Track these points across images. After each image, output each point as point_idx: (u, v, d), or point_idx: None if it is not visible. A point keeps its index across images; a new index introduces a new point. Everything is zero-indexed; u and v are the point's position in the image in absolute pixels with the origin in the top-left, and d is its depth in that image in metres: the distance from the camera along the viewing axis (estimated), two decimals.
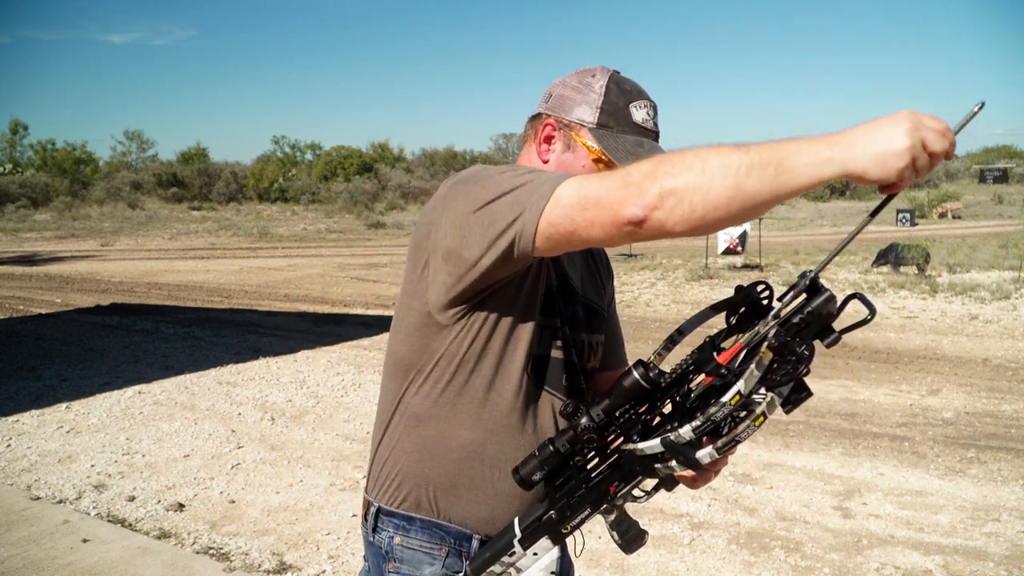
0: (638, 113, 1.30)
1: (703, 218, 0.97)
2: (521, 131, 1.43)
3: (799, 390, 1.03)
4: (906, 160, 0.91)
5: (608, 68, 1.34)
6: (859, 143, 0.92)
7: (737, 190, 0.95)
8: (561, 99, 1.33)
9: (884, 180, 0.93)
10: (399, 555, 1.32)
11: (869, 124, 0.94)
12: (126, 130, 62.31)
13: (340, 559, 3.47)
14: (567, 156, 1.32)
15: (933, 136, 0.92)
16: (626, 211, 0.99)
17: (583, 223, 1.04)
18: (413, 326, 1.28)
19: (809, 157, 0.93)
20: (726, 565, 3.42)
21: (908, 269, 11.98)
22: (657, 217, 0.98)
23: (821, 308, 0.99)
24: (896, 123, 0.92)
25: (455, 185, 1.22)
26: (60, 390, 6.25)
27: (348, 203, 31.82)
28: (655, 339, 7.85)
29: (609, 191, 1.01)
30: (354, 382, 6.50)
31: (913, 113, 0.93)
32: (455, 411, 1.28)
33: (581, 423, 1.14)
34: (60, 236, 22.92)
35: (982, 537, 3.63)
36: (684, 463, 1.06)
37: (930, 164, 0.93)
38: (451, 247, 1.18)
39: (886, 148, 0.91)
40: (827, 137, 0.95)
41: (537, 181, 1.10)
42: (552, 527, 1.22)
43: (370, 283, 12.81)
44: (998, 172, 43.33)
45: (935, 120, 0.93)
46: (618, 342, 1.54)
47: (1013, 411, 5.55)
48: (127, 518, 3.88)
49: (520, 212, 1.09)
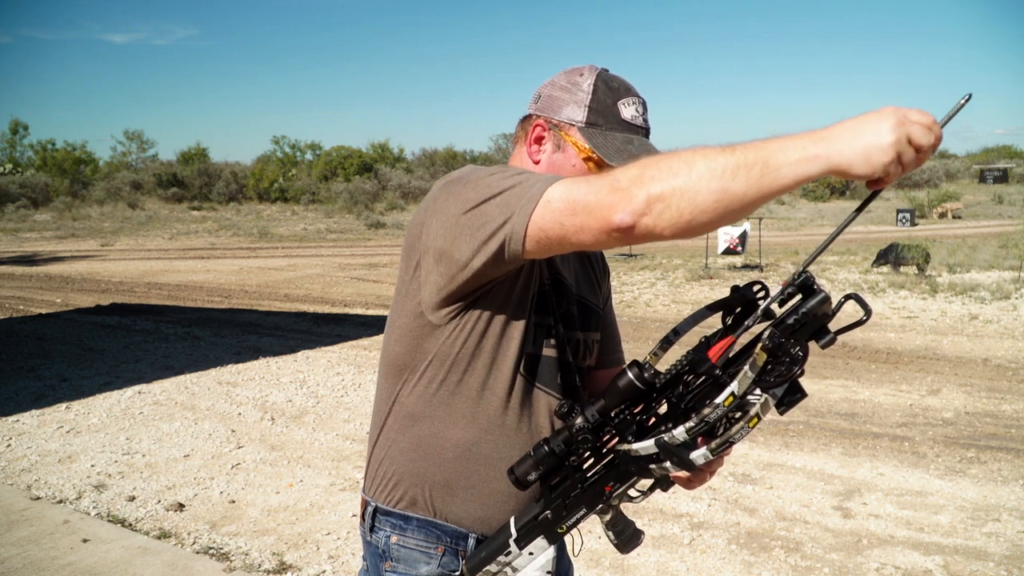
0: (627, 110, 1.30)
1: (691, 222, 0.97)
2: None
3: (793, 391, 1.03)
4: (891, 155, 0.90)
5: (596, 66, 1.34)
6: (844, 138, 0.92)
7: (724, 192, 0.95)
8: (550, 99, 1.32)
9: (870, 175, 0.92)
10: (396, 554, 1.33)
11: (854, 119, 0.93)
12: (126, 130, 62.40)
13: (340, 559, 3.48)
14: (558, 156, 1.32)
15: (919, 130, 0.92)
16: (615, 217, 0.99)
17: (572, 228, 1.05)
18: (406, 326, 1.28)
19: (795, 155, 0.93)
20: (726, 565, 3.42)
21: (908, 269, 11.98)
22: (645, 223, 0.98)
23: (816, 309, 0.99)
24: (881, 118, 0.91)
25: (446, 186, 1.22)
26: (60, 390, 6.25)
27: (348, 203, 31.80)
28: (655, 339, 7.85)
29: (597, 196, 1.01)
30: (354, 382, 6.50)
31: (898, 108, 0.92)
32: (449, 410, 1.28)
33: (576, 423, 1.14)
34: (60, 236, 22.93)
35: (982, 537, 3.63)
36: (678, 464, 1.07)
37: (916, 159, 0.92)
38: (442, 248, 1.18)
39: (872, 143, 0.90)
40: (812, 133, 0.94)
41: (527, 183, 1.10)
42: (548, 527, 1.23)
43: (370, 283, 12.81)
44: (998, 172, 43.29)
45: (921, 114, 0.93)
46: (615, 340, 1.54)
47: (1013, 411, 5.55)
48: (127, 518, 3.89)
49: (509, 215, 1.09)
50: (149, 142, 56.63)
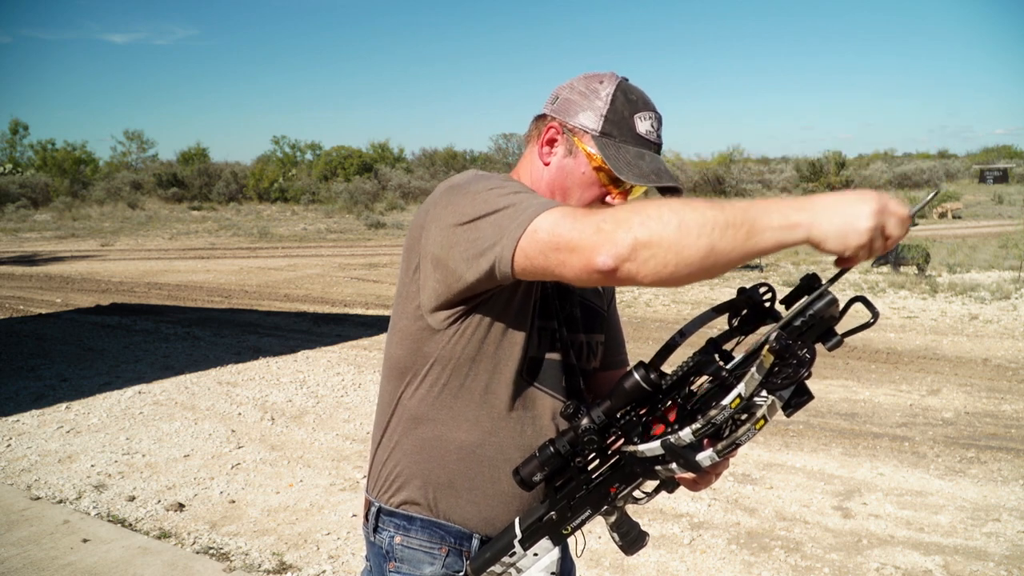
0: (642, 124, 1.29)
1: (674, 273, 0.98)
2: (521, 132, 1.43)
3: (800, 393, 1.03)
4: (865, 240, 0.94)
5: (617, 75, 1.32)
6: (826, 213, 0.95)
7: (711, 250, 0.96)
8: (567, 103, 1.31)
9: (840, 253, 0.96)
10: (399, 555, 1.33)
11: (839, 196, 0.97)
12: (126, 130, 62.41)
13: (340, 559, 3.47)
14: (568, 161, 1.30)
15: (894, 222, 0.96)
16: (597, 259, 1.00)
17: (555, 262, 1.05)
18: (407, 329, 1.29)
19: (778, 220, 0.96)
20: (726, 565, 3.42)
21: (908, 269, 11.98)
22: (628, 268, 0.99)
23: (823, 311, 0.99)
24: (864, 202, 0.95)
25: (447, 192, 1.22)
26: (60, 390, 6.25)
27: (348, 203, 31.78)
28: (655, 339, 7.85)
29: (582, 235, 1.02)
30: (354, 382, 6.50)
31: (881, 196, 0.96)
32: (452, 413, 1.28)
33: (582, 424, 1.14)
34: (60, 236, 22.91)
35: (982, 537, 3.63)
36: (684, 465, 1.07)
37: (884, 246, 0.96)
38: (439, 256, 1.19)
39: (850, 224, 0.94)
40: (796, 201, 0.97)
41: (520, 206, 1.10)
42: (553, 528, 1.23)
43: (370, 283, 12.80)
44: (998, 172, 43.32)
45: (899, 206, 0.96)
46: (619, 341, 1.54)
47: (1013, 411, 5.55)
48: (127, 518, 3.88)
49: (499, 238, 1.09)
50: (149, 142, 56.65)
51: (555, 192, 1.31)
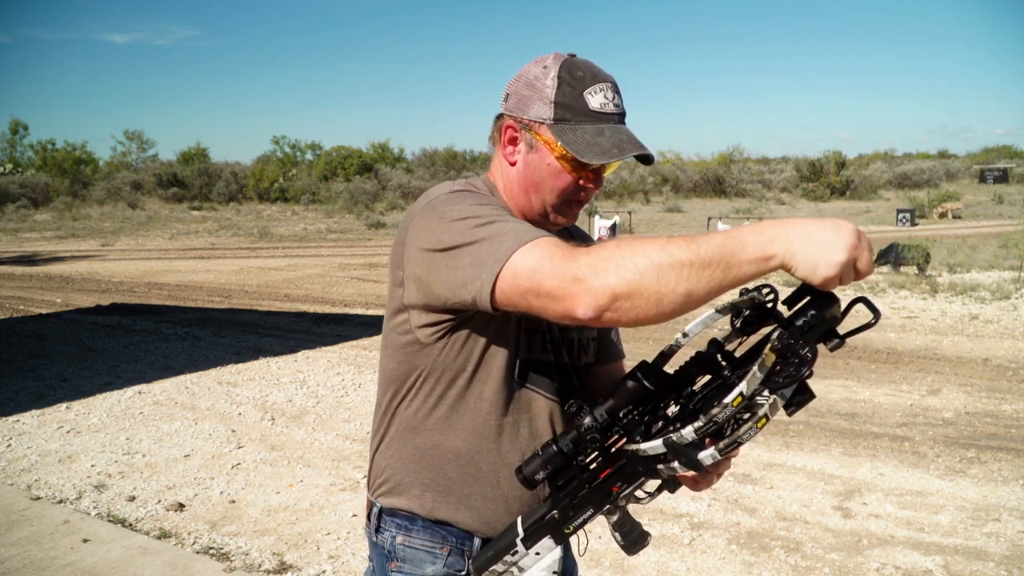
0: (594, 99, 1.24)
1: (656, 316, 1.00)
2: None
3: (802, 392, 1.03)
4: (835, 272, 0.94)
5: (562, 54, 1.28)
6: (801, 241, 0.95)
7: (689, 295, 0.98)
8: (518, 97, 1.27)
9: (807, 281, 0.97)
10: (402, 554, 1.33)
11: (816, 224, 0.96)
12: (126, 130, 62.41)
13: (340, 559, 3.47)
14: (532, 156, 1.27)
15: (866, 258, 0.96)
16: (578, 311, 1.01)
17: (537, 307, 1.06)
18: (397, 342, 1.29)
19: (754, 253, 0.96)
20: (726, 565, 3.42)
21: (908, 269, 11.98)
22: (609, 317, 1.00)
23: (825, 311, 0.99)
24: (840, 235, 0.95)
25: (425, 211, 1.21)
26: (60, 390, 6.25)
27: (348, 203, 31.78)
28: (655, 338, 7.85)
29: (560, 285, 1.02)
30: (354, 382, 6.50)
31: (857, 230, 0.96)
32: (448, 423, 1.29)
33: (584, 423, 1.14)
34: (60, 236, 22.91)
35: (982, 537, 3.63)
36: (686, 464, 1.07)
37: (852, 279, 0.97)
38: (421, 277, 1.19)
39: (823, 256, 0.94)
40: (772, 228, 0.97)
41: (498, 239, 1.09)
42: (554, 527, 1.23)
43: (370, 283, 12.80)
44: (998, 172, 43.31)
45: (869, 245, 0.97)
46: (613, 334, 1.54)
47: (1013, 411, 5.55)
48: (127, 518, 3.88)
49: (478, 273, 1.09)
50: (149, 142, 56.66)
51: (529, 191, 1.29)
